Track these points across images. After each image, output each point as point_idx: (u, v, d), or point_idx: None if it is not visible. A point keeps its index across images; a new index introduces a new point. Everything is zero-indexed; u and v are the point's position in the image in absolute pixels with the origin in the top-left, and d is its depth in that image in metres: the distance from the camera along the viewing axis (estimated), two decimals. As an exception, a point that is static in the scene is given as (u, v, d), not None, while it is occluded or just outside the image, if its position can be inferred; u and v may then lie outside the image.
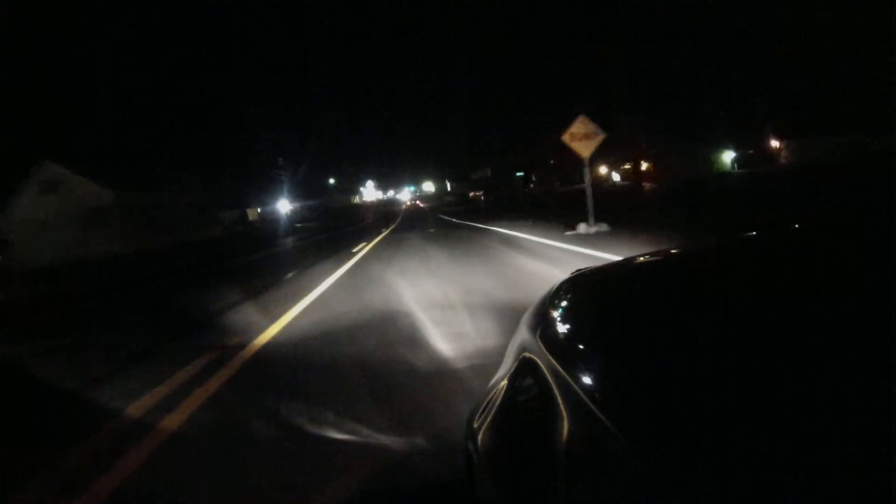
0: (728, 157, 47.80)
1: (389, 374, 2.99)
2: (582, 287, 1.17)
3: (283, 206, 46.54)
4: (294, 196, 54.46)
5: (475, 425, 0.99)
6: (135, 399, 3.01)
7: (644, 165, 53.00)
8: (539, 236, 9.96)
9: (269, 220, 48.75)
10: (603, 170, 62.22)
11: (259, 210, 54.30)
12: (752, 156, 42.13)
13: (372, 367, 3.16)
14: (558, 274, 2.51)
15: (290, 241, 20.76)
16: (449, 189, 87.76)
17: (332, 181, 70.62)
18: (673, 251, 1.37)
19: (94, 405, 3.05)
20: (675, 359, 0.70)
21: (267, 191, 48.67)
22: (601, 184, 52.37)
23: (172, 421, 2.65)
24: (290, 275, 8.89)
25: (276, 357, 3.70)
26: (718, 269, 1.12)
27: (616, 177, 61.63)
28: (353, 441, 2.20)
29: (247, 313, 5.52)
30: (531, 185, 59.24)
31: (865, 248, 0.92)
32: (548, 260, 6.83)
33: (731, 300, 0.86)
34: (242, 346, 4.01)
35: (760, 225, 1.49)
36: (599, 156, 61.72)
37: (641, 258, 1.37)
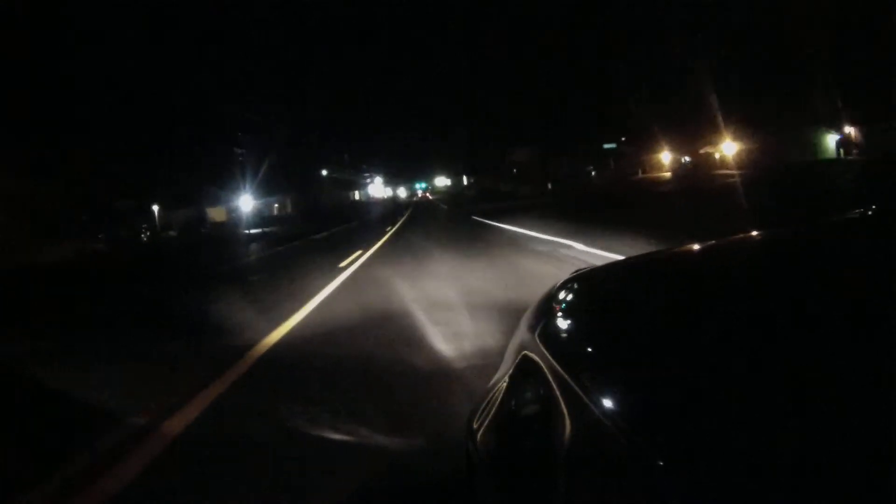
0: (831, 140, 36.56)
1: None
2: (581, 286, 1.16)
3: (246, 203, 34.10)
4: (268, 190, 42.10)
5: (475, 425, 0.98)
6: None
7: (730, 149, 40.18)
8: None
9: (228, 224, 36.45)
10: (665, 157, 48.26)
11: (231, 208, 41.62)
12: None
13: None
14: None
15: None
16: (466, 183, 74.88)
17: (324, 173, 57.75)
18: (672, 251, 1.44)
19: None
20: (674, 358, 0.69)
21: (228, 184, 36.22)
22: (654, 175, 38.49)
23: None
24: None
25: None
26: (716, 267, 1.12)
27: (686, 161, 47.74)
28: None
29: None
30: (592, 173, 45.63)
31: (871, 248, 0.90)
32: None
33: (731, 299, 0.85)
34: None
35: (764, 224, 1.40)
36: (659, 139, 48.66)
37: (641, 258, 1.45)
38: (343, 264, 8.89)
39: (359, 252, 10.32)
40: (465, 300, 4.96)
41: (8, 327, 6.33)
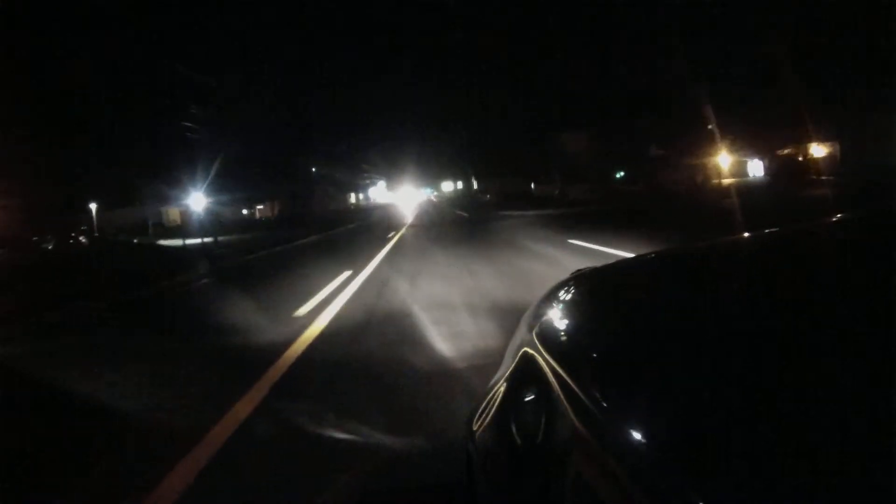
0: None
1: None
2: (582, 285, 1.15)
3: (198, 202, 25.99)
4: (238, 187, 34.11)
5: (475, 426, 0.97)
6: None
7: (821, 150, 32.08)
8: None
9: (181, 228, 28.44)
10: (723, 161, 39.16)
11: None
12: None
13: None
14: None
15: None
16: (477, 186, 66.73)
17: (314, 170, 49.38)
18: (672, 251, 1.41)
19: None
20: (675, 358, 0.69)
21: (183, 180, 28.14)
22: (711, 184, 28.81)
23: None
24: None
25: None
26: (718, 267, 1.12)
27: (756, 170, 38.82)
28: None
29: None
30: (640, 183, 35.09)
31: (873, 248, 0.89)
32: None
33: (733, 299, 0.85)
34: None
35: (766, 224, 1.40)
36: (715, 139, 39.91)
37: (641, 258, 1.41)
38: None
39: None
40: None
41: None
